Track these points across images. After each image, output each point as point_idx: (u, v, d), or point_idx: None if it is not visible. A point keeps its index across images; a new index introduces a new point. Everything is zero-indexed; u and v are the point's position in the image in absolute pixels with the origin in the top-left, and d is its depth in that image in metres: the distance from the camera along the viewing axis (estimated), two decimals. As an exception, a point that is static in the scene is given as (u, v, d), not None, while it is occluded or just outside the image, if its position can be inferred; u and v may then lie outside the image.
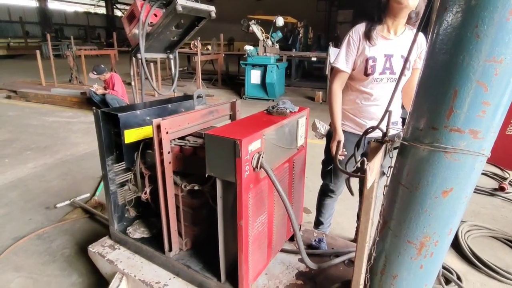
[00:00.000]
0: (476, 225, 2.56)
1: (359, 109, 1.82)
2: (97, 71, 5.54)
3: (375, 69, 1.69)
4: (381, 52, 1.68)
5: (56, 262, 2.17)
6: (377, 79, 1.72)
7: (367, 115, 1.81)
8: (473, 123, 0.92)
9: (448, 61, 0.92)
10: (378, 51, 1.68)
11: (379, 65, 1.69)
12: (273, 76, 7.26)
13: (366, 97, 1.78)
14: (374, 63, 1.68)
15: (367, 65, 1.69)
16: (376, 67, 1.69)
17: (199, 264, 1.55)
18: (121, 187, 1.79)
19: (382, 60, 1.69)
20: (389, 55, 1.69)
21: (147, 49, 2.71)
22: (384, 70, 1.70)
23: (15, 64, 14.22)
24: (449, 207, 1.05)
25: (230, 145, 1.14)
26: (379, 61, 1.68)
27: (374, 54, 1.68)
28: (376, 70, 1.69)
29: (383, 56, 1.69)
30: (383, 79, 1.72)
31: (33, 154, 4.03)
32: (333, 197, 2.21)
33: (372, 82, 1.73)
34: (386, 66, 1.69)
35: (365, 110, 1.80)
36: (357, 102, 1.82)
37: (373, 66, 1.69)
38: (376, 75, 1.70)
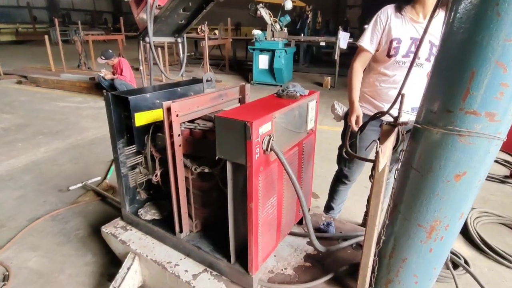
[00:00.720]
0: (486, 211, 2.54)
1: (378, 91, 1.79)
2: (105, 56, 5.54)
3: (398, 51, 1.65)
4: (408, 34, 1.63)
5: (70, 242, 2.24)
6: (400, 62, 1.67)
7: (385, 98, 1.77)
8: (490, 106, 0.90)
9: (466, 40, 0.89)
10: (405, 33, 1.63)
11: (403, 47, 1.64)
12: (281, 61, 7.17)
13: (385, 79, 1.74)
14: (398, 45, 1.64)
15: (391, 46, 1.65)
16: (400, 49, 1.64)
17: (209, 246, 1.58)
18: (132, 170, 1.82)
19: (408, 42, 1.64)
20: (416, 39, 1.62)
21: (155, 33, 2.68)
22: (408, 53, 1.65)
23: (24, 50, 14.30)
24: (462, 191, 1.04)
25: (240, 128, 1.14)
26: (404, 43, 1.64)
27: (400, 36, 1.63)
28: (400, 52, 1.65)
29: (409, 39, 1.63)
30: (406, 63, 1.66)
31: (45, 139, 4.10)
32: (347, 184, 2.19)
33: (394, 64, 1.69)
34: (410, 50, 1.64)
35: (384, 93, 1.76)
36: (376, 85, 1.79)
37: (397, 48, 1.64)
38: (399, 57, 1.66)
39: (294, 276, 1.51)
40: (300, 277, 1.50)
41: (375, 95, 1.82)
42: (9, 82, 7.59)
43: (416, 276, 1.22)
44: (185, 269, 1.54)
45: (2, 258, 2.07)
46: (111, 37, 11.52)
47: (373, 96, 1.83)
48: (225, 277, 1.49)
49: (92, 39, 9.01)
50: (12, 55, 12.11)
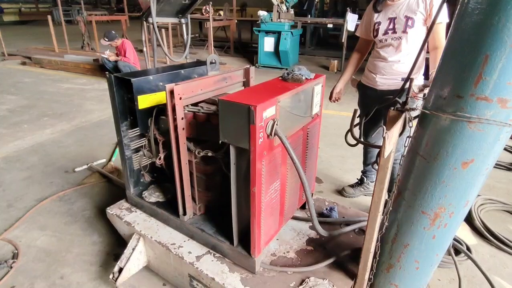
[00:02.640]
0: (490, 199, 2.53)
1: (373, 66, 2.10)
2: (108, 37, 5.46)
3: (378, 31, 1.99)
4: (385, 16, 1.94)
5: (77, 222, 2.29)
6: (382, 40, 2.00)
7: (375, 69, 2.08)
8: (503, 91, 0.87)
9: (481, 22, 0.85)
10: (383, 16, 1.96)
11: (382, 28, 1.97)
12: (287, 43, 7.01)
13: (376, 55, 2.08)
14: (378, 27, 1.98)
15: (374, 29, 2.01)
16: (380, 30, 1.98)
17: (212, 228, 1.60)
18: (136, 152, 1.82)
19: (386, 23, 1.95)
20: (393, 18, 1.91)
21: (158, 13, 2.63)
22: (387, 31, 1.96)
23: (27, 30, 14.17)
24: (468, 179, 1.02)
25: (244, 111, 1.12)
26: (382, 25, 1.96)
27: (380, 19, 1.97)
28: (379, 33, 1.98)
29: (386, 20, 1.94)
30: (387, 39, 1.97)
31: (50, 121, 4.12)
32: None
33: (379, 42, 2.03)
34: (389, 28, 1.94)
35: (375, 65, 2.08)
36: (372, 60, 2.12)
37: (377, 29, 1.99)
38: (380, 36, 1.99)
39: (296, 259, 1.52)
40: (302, 261, 1.52)
41: (371, 68, 2.14)
42: (13, 63, 7.57)
43: (418, 262, 1.23)
44: (189, 250, 1.57)
45: (11, 237, 2.12)
46: (114, 17, 11.32)
47: (370, 69, 2.14)
48: (228, 259, 1.51)
49: (95, 20, 8.86)
50: (16, 36, 12.02)
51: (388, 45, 1.97)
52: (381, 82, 2.04)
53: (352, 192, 2.55)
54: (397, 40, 1.93)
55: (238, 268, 1.46)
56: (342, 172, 2.99)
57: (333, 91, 2.32)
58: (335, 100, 2.36)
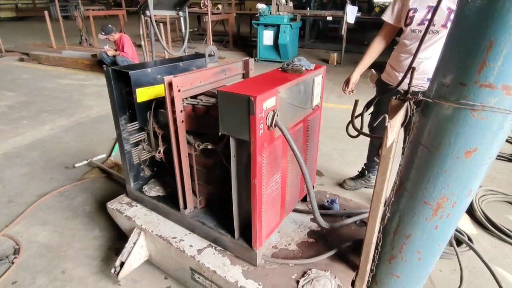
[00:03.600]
0: (492, 190, 2.52)
1: (397, 62, 1.87)
2: (105, 31, 5.41)
3: (413, 19, 1.72)
4: (425, 3, 1.68)
5: (78, 217, 2.29)
6: (416, 30, 1.73)
7: (401, 68, 1.85)
8: (508, 78, 0.85)
9: (485, 7, 0.83)
10: (422, 2, 1.69)
11: (418, 16, 1.70)
12: (286, 36, 6.96)
13: (404, 49, 1.81)
14: (414, 14, 1.71)
15: (407, 16, 1.73)
16: (415, 18, 1.71)
17: (213, 221, 1.59)
18: (135, 146, 1.81)
19: (424, 11, 1.69)
20: (433, 6, 1.65)
21: (156, 5, 2.60)
22: (423, 21, 1.70)
23: (24, 26, 14.06)
24: (471, 168, 1.01)
25: (244, 102, 1.10)
26: (419, 12, 1.69)
27: (416, 6, 1.70)
28: (414, 21, 1.71)
29: (425, 7, 1.69)
30: (422, 31, 1.70)
31: (50, 116, 4.11)
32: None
33: (411, 33, 1.76)
34: (426, 18, 1.69)
35: (400, 61, 1.84)
36: (397, 55, 1.88)
37: (412, 17, 1.72)
38: (414, 26, 1.72)
39: (298, 252, 1.52)
40: (304, 253, 1.51)
41: (395, 65, 1.90)
42: (11, 59, 7.52)
43: (420, 253, 1.22)
44: (190, 244, 1.57)
45: (12, 233, 2.12)
46: (112, 12, 11.22)
47: (394, 66, 1.90)
48: (229, 252, 1.51)
49: (92, 15, 8.78)
50: (13, 32, 11.93)
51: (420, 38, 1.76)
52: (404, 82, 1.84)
53: (353, 185, 2.54)
54: (433, 34, 1.68)
55: (239, 261, 1.46)
56: (343, 165, 2.98)
57: (349, 81, 2.09)
58: (350, 91, 2.14)
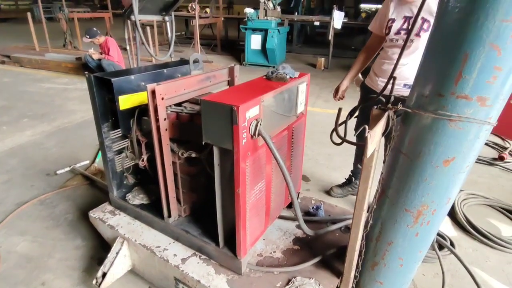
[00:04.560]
0: (473, 193, 2.59)
1: (378, 68, 1.99)
2: (90, 35, 5.32)
3: (391, 29, 1.84)
4: (402, 14, 1.79)
5: (60, 226, 2.22)
6: (393, 39, 1.85)
7: (381, 74, 1.97)
8: (482, 90, 0.88)
9: (461, 21, 0.85)
10: (399, 13, 1.80)
11: (395, 26, 1.81)
12: (274, 41, 7.00)
13: (384, 56, 1.94)
14: (392, 24, 1.83)
15: (387, 26, 1.86)
16: (392, 28, 1.82)
17: (198, 230, 1.57)
18: (118, 154, 1.78)
19: (401, 21, 1.79)
20: (408, 17, 1.77)
21: (141, 10, 2.57)
22: (399, 30, 1.81)
23: (6, 28, 13.70)
24: (450, 177, 1.03)
25: (227, 112, 1.10)
26: (396, 22, 1.81)
27: (395, 16, 1.82)
28: (392, 31, 1.83)
29: (402, 18, 1.79)
30: (398, 40, 1.84)
31: (31, 122, 3.99)
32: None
33: (389, 42, 1.89)
34: (402, 27, 1.80)
35: (381, 68, 1.96)
36: (378, 61, 2.00)
37: (390, 26, 1.84)
38: (391, 35, 1.84)
39: (283, 259, 1.52)
40: (289, 260, 1.51)
41: (377, 71, 2.02)
42: (-9, 62, 7.30)
43: (402, 259, 1.24)
44: (174, 253, 1.54)
45: (-11, 243, 2.04)
46: (97, 14, 11.06)
47: (375, 71, 2.03)
48: (214, 261, 1.49)
49: (77, 17, 8.63)
50: (-6, 34, 11.60)
51: (398, 46, 1.84)
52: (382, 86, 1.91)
53: (340, 192, 2.56)
54: (409, 42, 1.75)
55: (224, 270, 1.44)
56: (329, 170, 3.01)
57: (339, 88, 2.21)
58: (340, 98, 2.25)
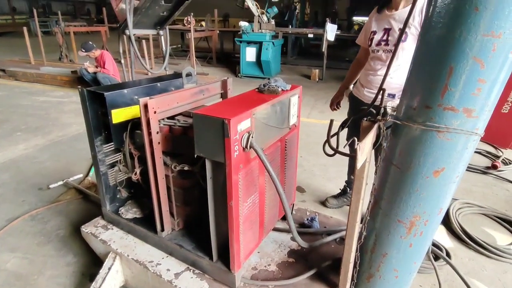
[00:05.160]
0: (467, 202, 2.59)
1: (363, 78, 2.05)
2: (85, 48, 5.36)
3: (372, 41, 1.91)
4: (382, 26, 1.87)
5: (51, 242, 2.18)
6: (374, 50, 1.92)
7: (366, 84, 2.02)
8: (468, 102, 0.89)
9: (444, 36, 0.88)
10: (380, 26, 1.88)
11: (376, 38, 1.89)
12: (268, 53, 7.10)
13: (367, 67, 2.02)
14: (373, 36, 1.90)
15: (369, 37, 1.94)
16: (374, 39, 1.90)
17: (192, 244, 1.56)
18: (111, 168, 1.77)
19: (381, 33, 1.87)
20: (388, 29, 1.83)
21: (136, 25, 2.60)
22: (380, 42, 1.88)
23: (2, 42, 13.75)
24: (440, 187, 1.04)
25: (218, 125, 1.10)
26: (377, 34, 1.88)
27: (376, 28, 1.90)
28: (373, 42, 1.90)
29: (382, 30, 1.87)
30: (379, 51, 1.90)
31: (24, 135, 3.97)
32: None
33: (371, 52, 1.96)
34: (382, 39, 1.87)
35: (366, 78, 2.02)
36: (363, 72, 2.07)
37: (372, 38, 1.91)
38: (373, 46, 1.91)
39: (278, 272, 1.50)
40: (284, 273, 1.49)
41: (361, 80, 2.09)
42: (-14, 76, 7.29)
43: (397, 271, 1.23)
44: (167, 268, 1.52)
45: (-22, 261, 2.00)
46: (93, 28, 11.15)
47: (361, 81, 2.09)
48: (208, 275, 1.47)
49: (73, 31, 8.70)
50: (-10, 48, 11.63)
51: (379, 57, 1.90)
52: (368, 96, 1.98)
53: (335, 203, 2.55)
54: (387, 53, 1.85)
55: (218, 285, 1.42)
56: (324, 181, 3.01)
57: (334, 100, 2.35)
58: (335, 108, 2.38)
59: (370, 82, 1.97)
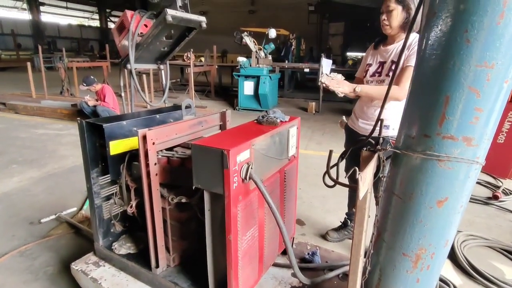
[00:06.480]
0: (472, 234, 2.53)
1: (358, 109, 2.11)
2: (86, 82, 5.48)
3: (367, 73, 2.01)
4: (378, 59, 1.98)
5: (38, 280, 2.06)
6: (368, 81, 2.01)
7: (358, 113, 2.09)
8: (466, 130, 0.90)
9: (438, 66, 0.90)
10: (376, 59, 1.99)
11: (371, 69, 1.99)
12: (266, 87, 7.28)
13: (362, 98, 2.06)
14: (368, 68, 2.01)
15: (365, 70, 2.04)
16: (369, 71, 2.00)
17: (187, 281, 1.48)
18: (106, 200, 1.72)
19: (376, 66, 1.97)
20: (383, 62, 1.94)
21: (137, 60, 2.68)
22: (374, 73, 1.98)
23: (5, 77, 14.08)
24: (445, 218, 1.01)
25: (217, 156, 1.09)
26: (373, 67, 1.99)
27: (371, 61, 2.01)
28: (368, 74, 2.00)
29: (377, 63, 1.97)
30: (373, 82, 1.99)
31: (19, 168, 3.92)
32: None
33: (365, 83, 2.02)
34: (377, 71, 1.97)
35: (359, 108, 2.09)
36: (357, 103, 2.13)
37: (367, 70, 2.01)
38: (368, 77, 2.01)
39: (279, 312, 1.41)
40: (285, 313, 1.40)
41: (356, 111, 2.13)
42: (-14, 109, 7.36)
43: (405, 309, 1.16)
44: (161, 308, 1.43)
45: (-41, 302, 1.87)
46: (95, 64, 11.52)
47: (355, 112, 2.14)
48: (204, 316, 1.38)
49: (76, 66, 8.96)
50: (-7, 82, 11.87)
51: None
52: (363, 128, 2.02)
53: (336, 236, 2.48)
54: (380, 83, 1.93)
55: (215, 327, 1.33)
56: (324, 213, 2.94)
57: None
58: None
59: (365, 113, 2.02)
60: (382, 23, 1.84)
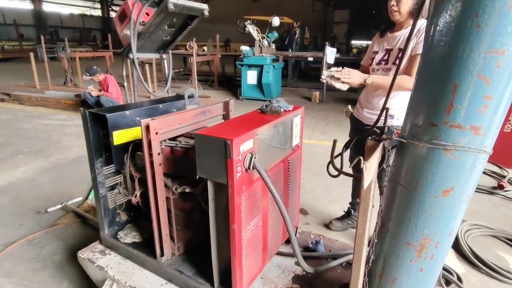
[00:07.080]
0: (476, 224, 2.52)
1: (363, 98, 2.07)
2: (90, 73, 5.47)
3: (373, 60, 1.97)
4: (384, 46, 1.92)
5: (46, 268, 2.11)
6: (374, 69, 1.97)
7: (363, 103, 2.06)
8: (474, 119, 0.88)
9: (447, 53, 0.88)
10: (382, 46, 1.93)
11: (377, 57, 1.94)
12: (269, 76, 7.22)
13: (368, 88, 2.00)
14: (375, 56, 1.96)
15: (371, 57, 2.00)
16: (375, 59, 1.95)
17: (192, 269, 1.50)
18: (111, 190, 1.74)
19: (382, 53, 1.92)
20: (389, 49, 1.89)
21: (139, 49, 2.66)
22: (380, 61, 1.92)
23: (9, 67, 14.09)
24: (450, 207, 1.00)
25: (220, 146, 1.09)
26: (379, 54, 1.93)
27: (378, 49, 1.96)
28: (374, 62, 1.96)
29: (383, 50, 1.92)
30: (379, 70, 1.94)
31: (25, 158, 3.96)
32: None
33: (372, 71, 1.98)
34: (383, 59, 1.91)
35: (364, 98, 2.05)
36: (362, 92, 2.09)
37: (373, 58, 1.97)
38: (374, 66, 1.96)
39: (282, 300, 1.43)
40: (288, 301, 1.42)
41: (361, 100, 2.10)
42: (-9, 100, 7.40)
43: (408, 298, 1.17)
44: (166, 296, 1.45)
45: (-30, 288, 1.92)
46: (98, 53, 11.47)
47: (360, 101, 2.10)
48: (209, 303, 1.40)
49: (79, 56, 8.93)
50: (-3, 73, 11.90)
51: None
52: (368, 117, 2.00)
53: (340, 226, 2.49)
54: (386, 72, 1.88)
55: (219, 314, 1.35)
56: (328, 202, 2.95)
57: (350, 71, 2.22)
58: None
59: (370, 102, 1.99)
60: (390, 9, 1.78)
